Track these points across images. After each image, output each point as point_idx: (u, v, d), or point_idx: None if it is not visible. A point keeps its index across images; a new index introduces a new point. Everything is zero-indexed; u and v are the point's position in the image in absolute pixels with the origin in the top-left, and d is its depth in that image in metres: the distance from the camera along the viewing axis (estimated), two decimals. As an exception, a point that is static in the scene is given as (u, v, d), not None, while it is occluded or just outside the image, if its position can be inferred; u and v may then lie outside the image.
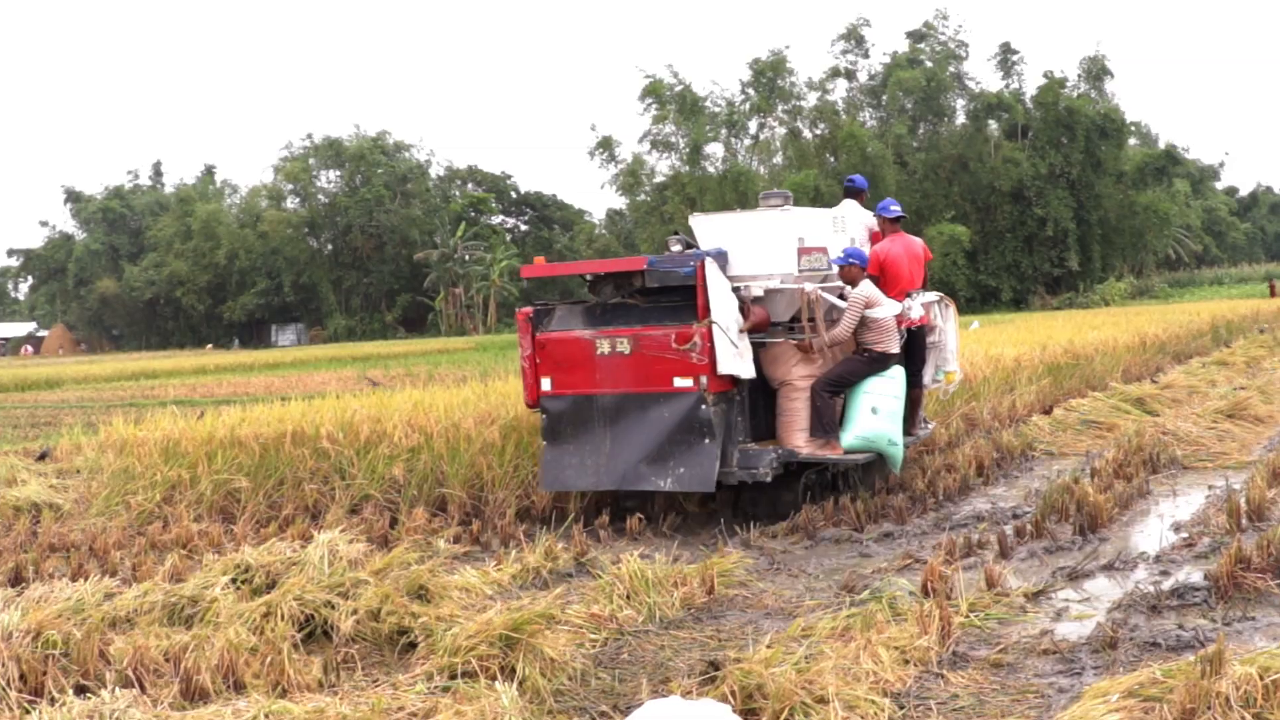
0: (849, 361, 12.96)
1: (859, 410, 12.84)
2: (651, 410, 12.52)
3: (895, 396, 13.03)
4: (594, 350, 12.68)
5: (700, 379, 12.21)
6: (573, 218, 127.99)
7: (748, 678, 6.15)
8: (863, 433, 12.77)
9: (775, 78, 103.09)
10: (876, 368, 12.88)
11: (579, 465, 12.75)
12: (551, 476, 12.86)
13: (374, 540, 11.48)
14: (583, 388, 12.76)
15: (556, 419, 12.89)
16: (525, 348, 13.18)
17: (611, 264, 14.26)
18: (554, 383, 12.89)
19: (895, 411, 13.02)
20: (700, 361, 12.19)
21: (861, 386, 12.88)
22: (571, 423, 12.82)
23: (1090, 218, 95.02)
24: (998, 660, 7.43)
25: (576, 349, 12.78)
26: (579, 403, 12.79)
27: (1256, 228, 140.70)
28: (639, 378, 12.54)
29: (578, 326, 13.10)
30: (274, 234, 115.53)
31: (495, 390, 16.42)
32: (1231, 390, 20.52)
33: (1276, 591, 8.57)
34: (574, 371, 12.79)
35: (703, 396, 12.23)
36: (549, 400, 12.93)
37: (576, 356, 12.77)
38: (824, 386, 12.77)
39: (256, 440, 13.65)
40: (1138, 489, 13.00)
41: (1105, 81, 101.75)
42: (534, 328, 13.20)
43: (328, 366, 47.21)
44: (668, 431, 12.42)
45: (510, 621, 7.31)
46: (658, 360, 12.41)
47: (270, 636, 7.58)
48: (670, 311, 12.75)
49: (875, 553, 10.90)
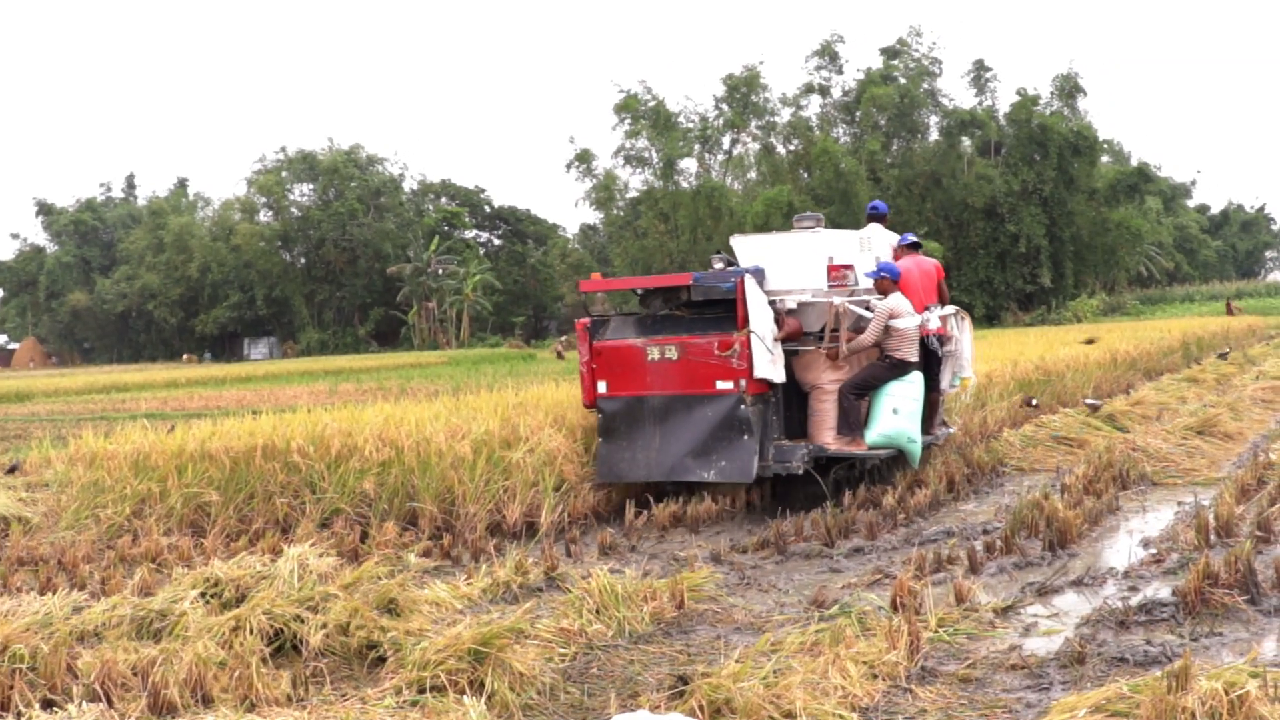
0: (873, 367, 14.44)
1: (881, 411, 14.31)
2: (696, 410, 14.10)
3: (914, 399, 14.46)
4: (645, 356, 14.36)
5: (740, 382, 13.79)
6: (546, 232, 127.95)
7: (716, 692, 6.15)
8: (885, 431, 14.24)
9: (749, 93, 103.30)
10: (897, 373, 14.37)
11: (631, 459, 14.31)
12: (606, 469, 14.44)
13: (344, 554, 11.45)
14: (635, 390, 14.42)
15: (611, 418, 14.50)
16: (584, 354, 14.83)
17: (662, 280, 15.45)
18: (609, 385, 14.55)
19: (914, 412, 14.45)
20: (740, 367, 13.77)
21: (884, 389, 14.38)
22: (625, 421, 14.43)
23: (1063, 234, 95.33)
24: (966, 675, 7.45)
25: (629, 355, 14.46)
26: (631, 403, 14.43)
27: (1228, 245, 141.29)
28: (685, 381, 14.16)
29: (630, 335, 14.75)
30: (247, 247, 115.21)
31: (466, 404, 16.40)
32: (1201, 407, 20.61)
33: (1244, 608, 8.60)
34: (627, 375, 14.46)
35: (742, 398, 13.81)
36: (605, 401, 14.57)
37: (629, 362, 14.45)
38: (850, 389, 14.32)
39: (227, 454, 13.61)
40: (1107, 505, 13.05)
41: (1078, 99, 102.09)
42: (591, 337, 14.82)
43: (300, 380, 47.12)
44: (711, 429, 13.97)
45: (479, 636, 7.30)
46: (702, 365, 14.03)
47: (239, 650, 7.56)
48: (713, 322, 14.41)
49: (845, 568, 10.91)
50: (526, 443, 13.77)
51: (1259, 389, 24.74)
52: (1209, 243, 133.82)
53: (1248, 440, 18.42)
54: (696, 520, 13.12)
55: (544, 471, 13.47)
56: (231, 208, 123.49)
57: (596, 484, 14.46)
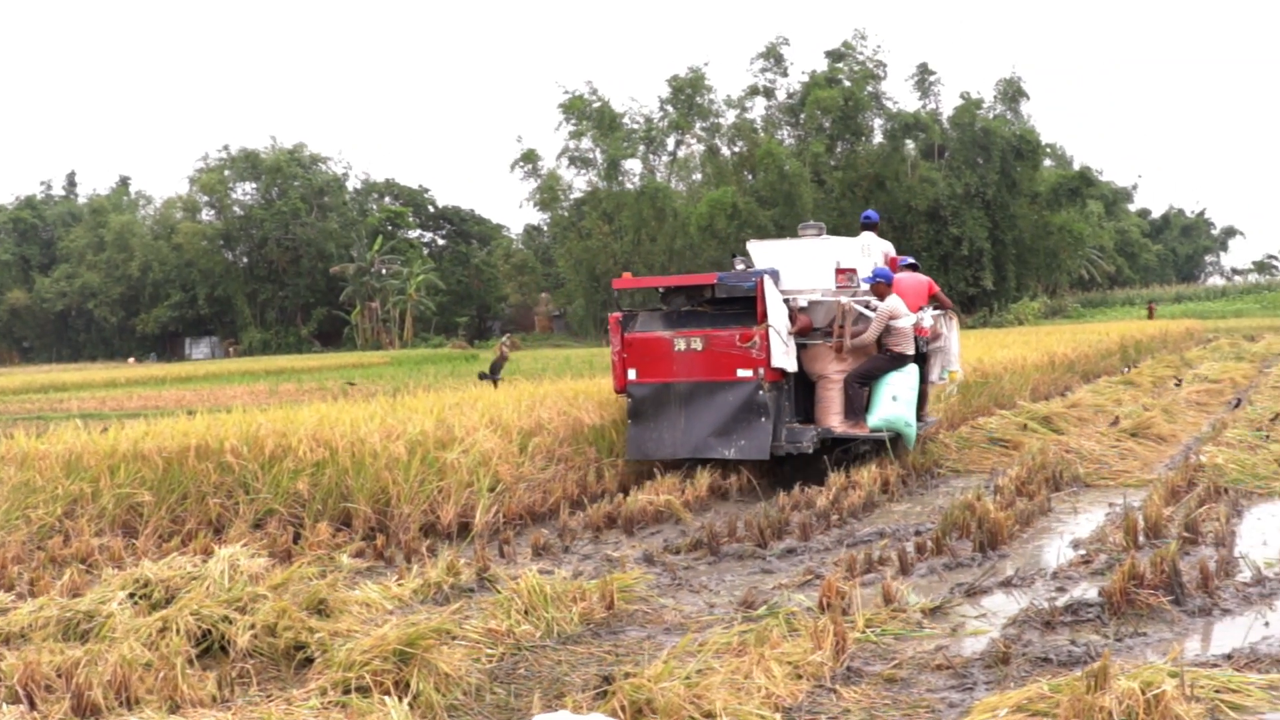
0: (874, 359, 16.16)
1: (882, 398, 16.08)
2: (718, 395, 15.80)
3: (911, 388, 16.25)
4: (672, 347, 16.03)
5: (758, 370, 15.56)
6: (490, 232, 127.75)
7: (637, 692, 6.16)
8: (885, 416, 16.00)
9: (694, 95, 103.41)
10: (896, 365, 16.14)
11: (658, 439, 15.99)
12: (635, 448, 16.12)
13: (277, 555, 11.41)
14: (662, 377, 16.06)
15: (640, 402, 16.14)
16: (615, 345, 16.46)
17: (687, 279, 17.24)
18: (639, 373, 16.18)
19: (911, 400, 16.22)
20: (759, 357, 15.55)
21: (884, 379, 16.13)
22: (653, 405, 16.07)
23: (1005, 238, 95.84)
24: (891, 675, 7.48)
25: (658, 346, 16.12)
26: (659, 389, 16.05)
27: (1168, 249, 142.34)
28: (709, 369, 15.85)
29: (658, 328, 16.38)
30: (189, 246, 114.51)
31: (404, 405, 16.35)
32: (1137, 409, 20.76)
33: (1168, 608, 8.68)
34: (655, 364, 16.11)
35: (760, 384, 15.56)
36: (635, 387, 16.19)
37: (657, 352, 16.11)
38: (854, 379, 16.11)
39: (160, 454, 13.50)
40: (1039, 506, 13.14)
41: (1021, 103, 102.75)
42: (623, 329, 16.44)
43: (240, 380, 46.86)
44: (732, 412, 15.69)
45: (405, 636, 7.29)
46: (724, 355, 15.76)
47: (165, 652, 7.53)
48: (734, 317, 16.06)
49: (778, 569, 10.94)
50: (461, 443, 13.75)
51: (1193, 392, 24.94)
52: (1150, 247, 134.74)
53: (1181, 443, 18.59)
54: (631, 521, 13.13)
55: (479, 472, 13.45)
56: (173, 206, 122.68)
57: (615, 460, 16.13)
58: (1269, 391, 24.58)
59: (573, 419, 15.84)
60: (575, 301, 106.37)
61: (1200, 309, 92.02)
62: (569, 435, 15.54)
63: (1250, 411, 19.90)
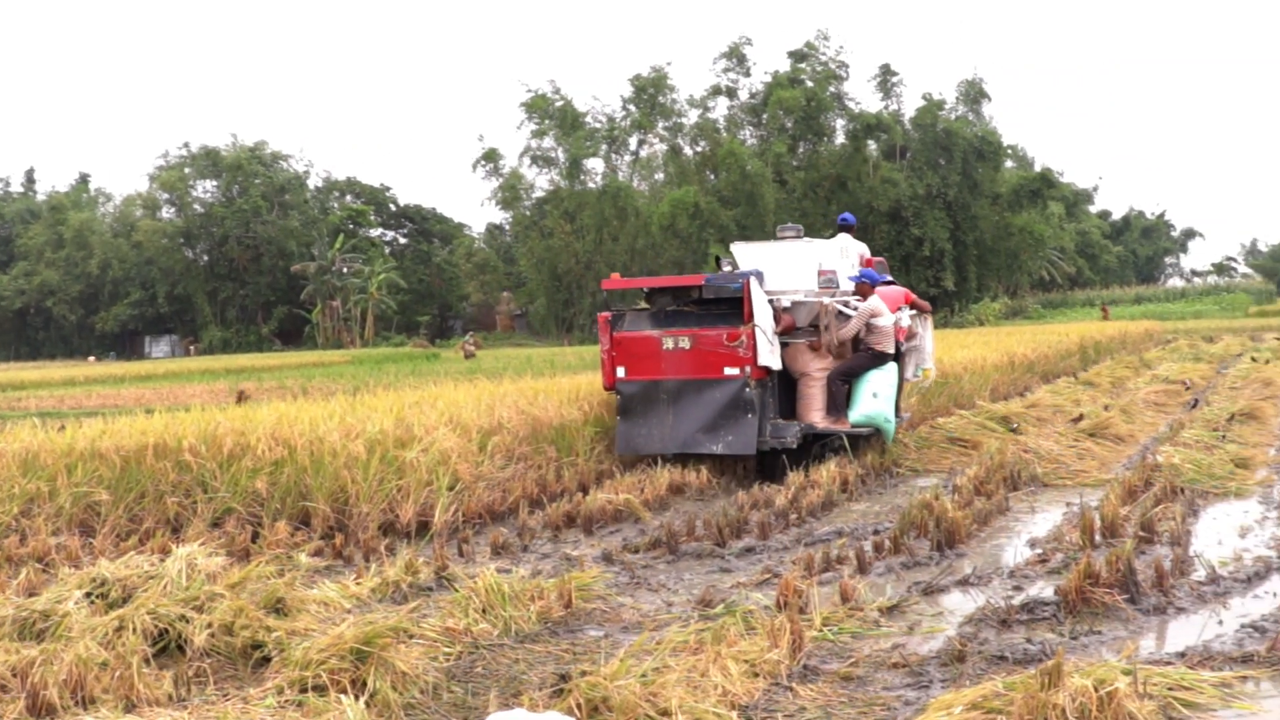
0: (856, 357, 16.74)
1: (862, 395, 16.61)
2: (706, 392, 16.23)
3: (890, 385, 16.86)
4: (660, 346, 16.46)
5: (745, 368, 16.00)
6: (452, 231, 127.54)
7: (593, 690, 6.17)
8: (865, 412, 16.51)
9: (656, 94, 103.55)
10: (876, 363, 16.69)
11: (647, 435, 16.47)
12: (625, 443, 16.63)
13: (235, 554, 11.37)
14: (651, 374, 16.51)
15: (629, 399, 16.60)
16: (605, 344, 16.88)
17: (675, 280, 17.71)
18: (627, 370, 16.63)
19: (890, 396, 16.83)
20: (746, 355, 15.98)
21: (864, 377, 16.66)
22: (641, 402, 16.52)
23: (966, 238, 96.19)
24: (848, 674, 7.51)
25: (646, 345, 16.53)
26: (647, 386, 16.51)
27: (1128, 251, 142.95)
28: (696, 367, 16.30)
29: (646, 327, 16.81)
30: (148, 244, 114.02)
31: (363, 404, 16.32)
32: (1096, 409, 20.85)
33: (1124, 606, 8.74)
34: (644, 362, 16.54)
35: (746, 381, 15.99)
36: (624, 384, 16.64)
37: (646, 350, 16.53)
38: (836, 376, 16.66)
39: (118, 453, 13.44)
40: (997, 506, 13.21)
41: (982, 104, 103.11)
42: (612, 328, 16.84)
43: (200, 379, 46.65)
44: (719, 408, 16.13)
45: (362, 635, 7.28)
46: (712, 354, 16.19)
47: (121, 651, 7.50)
48: (721, 317, 16.55)
49: (736, 567, 10.97)
50: (421, 442, 13.72)
51: (1152, 392, 25.06)
52: (1110, 248, 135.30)
53: (1138, 442, 18.68)
54: (590, 520, 13.14)
55: (438, 471, 13.43)
56: (133, 204, 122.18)
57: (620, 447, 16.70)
58: (1226, 392, 24.72)
59: (532, 418, 15.84)
60: (537, 301, 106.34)
61: (1160, 310, 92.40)
62: (529, 434, 15.54)
63: (1207, 412, 20.02)
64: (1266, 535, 11.52)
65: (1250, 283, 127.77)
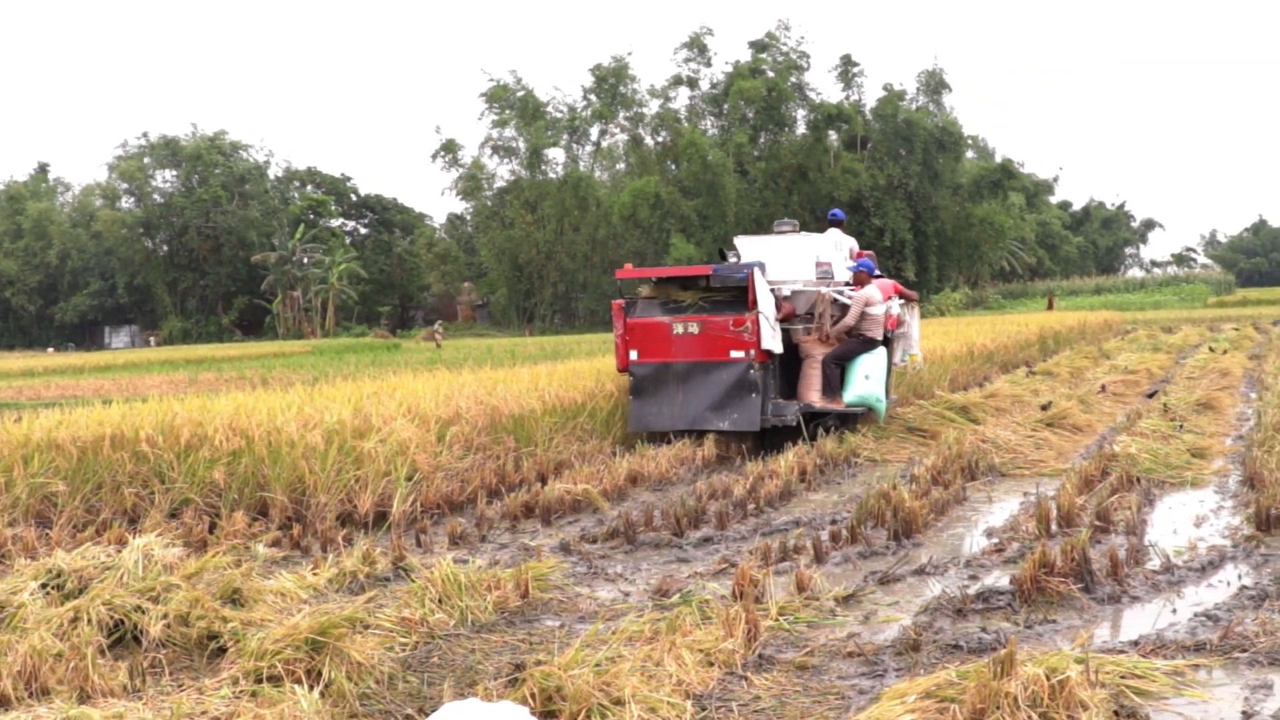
0: (849, 343, 18.17)
1: (856, 377, 18.10)
2: (713, 374, 17.58)
3: (881, 368, 18.37)
4: (671, 331, 17.88)
5: (750, 352, 17.37)
6: (413, 221, 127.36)
7: (548, 680, 6.18)
8: (859, 392, 18.05)
9: (617, 84, 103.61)
10: (868, 347, 18.22)
11: (658, 413, 17.82)
12: (637, 420, 17.98)
13: (192, 544, 11.34)
14: (662, 357, 17.90)
15: (641, 380, 18.00)
16: (619, 329, 18.26)
17: (684, 270, 19.69)
18: (640, 354, 18.02)
19: (881, 378, 18.33)
20: (750, 340, 17.35)
21: (858, 360, 18.16)
22: (653, 383, 17.91)
23: (927, 229, 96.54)
24: (803, 663, 7.52)
25: (657, 330, 17.97)
26: (659, 368, 17.89)
27: (1089, 241, 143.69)
28: (705, 350, 17.68)
29: (657, 314, 18.18)
30: (108, 234, 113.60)
31: (321, 394, 16.28)
32: (1055, 399, 20.94)
33: (1079, 595, 8.78)
34: (655, 346, 17.95)
35: (751, 364, 17.37)
36: (636, 366, 18.03)
37: (657, 335, 17.95)
38: (831, 360, 18.11)
39: (75, 443, 13.35)
40: (954, 496, 13.24)
41: (943, 95, 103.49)
42: (625, 315, 18.22)
43: (160, 369, 46.46)
44: (725, 389, 17.50)
45: (317, 625, 7.27)
46: (719, 338, 17.56)
47: (76, 642, 7.47)
48: (727, 304, 17.82)
49: (693, 557, 10.97)
50: (379, 432, 13.69)
51: (1110, 382, 25.15)
52: (1070, 239, 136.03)
53: (1096, 432, 18.75)
54: (548, 510, 13.13)
55: (396, 461, 13.40)
56: (92, 194, 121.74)
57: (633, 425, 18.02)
58: (1184, 383, 24.84)
59: (491, 408, 15.80)
60: (498, 291, 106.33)
61: (1119, 300, 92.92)
62: (487, 425, 15.51)
63: (1165, 402, 20.10)
64: (1221, 525, 11.58)
65: (1209, 273, 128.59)
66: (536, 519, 13.09)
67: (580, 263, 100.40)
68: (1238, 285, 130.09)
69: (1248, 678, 7.01)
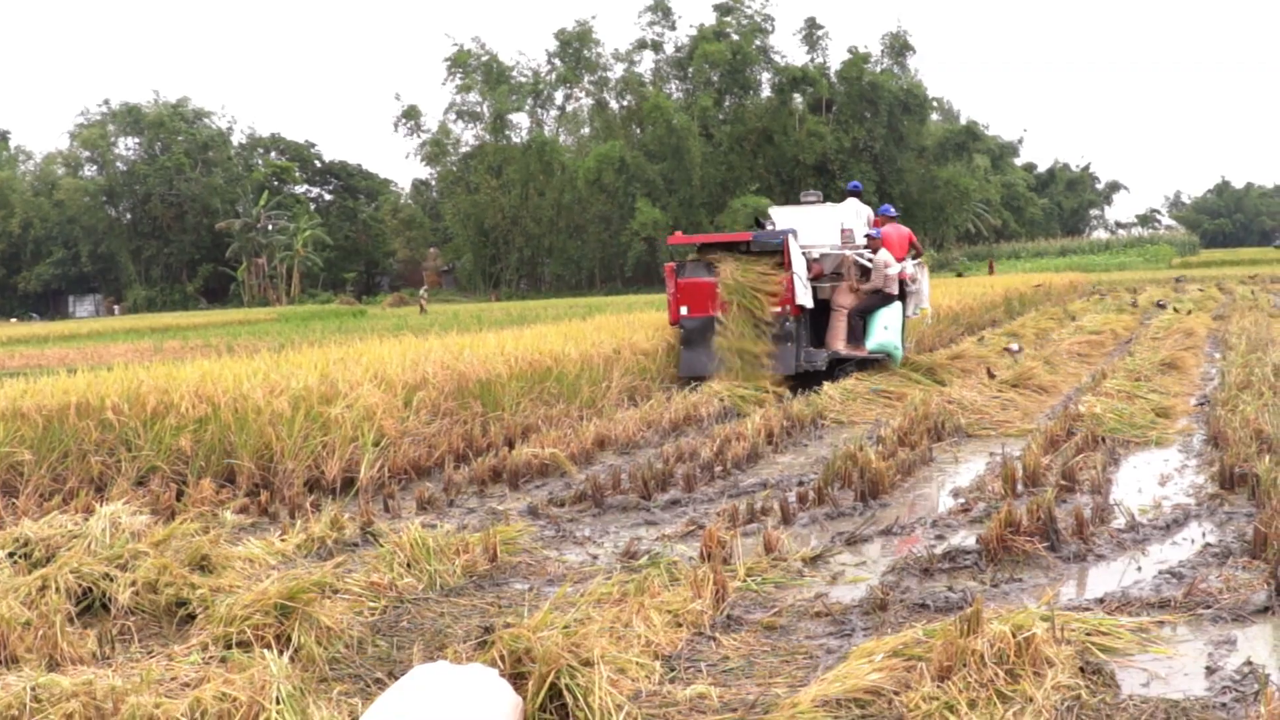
0: (870, 298, 20.92)
1: (876, 327, 20.83)
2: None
3: (898, 320, 21.05)
4: (716, 289, 20.34)
5: (785, 307, 20.06)
6: (378, 187, 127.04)
7: (517, 642, 6.19)
8: (878, 341, 20.77)
9: (581, 48, 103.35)
10: (885, 302, 20.92)
11: (705, 361, 20.22)
12: (687, 367, 20.54)
13: (160, 512, 11.29)
14: (708, 312, 20.45)
15: (690, 332, 20.69)
16: (671, 288, 21.03)
17: (728, 237, 22.64)
18: (689, 310, 20.69)
19: (897, 329, 21.00)
20: (786, 296, 20.03)
21: (878, 313, 20.88)
22: (700, 334, 20.50)
23: (892, 191, 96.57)
24: (771, 623, 7.55)
25: (705, 288, 20.55)
26: (705, 321, 20.46)
27: (1053, 203, 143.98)
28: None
29: (704, 275, 20.66)
30: (70, 202, 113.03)
31: (288, 360, 16.23)
32: (1018, 361, 21.09)
33: (1044, 554, 8.83)
34: (702, 302, 20.51)
35: (786, 317, 20.11)
36: (686, 320, 20.75)
37: (704, 293, 20.53)
38: (855, 313, 20.94)
39: (40, 412, 13.27)
40: (921, 456, 13.29)
41: (908, 57, 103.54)
42: (676, 275, 20.90)
43: (125, 338, 46.26)
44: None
45: (286, 590, 7.27)
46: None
47: (44, 610, 7.45)
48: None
49: (661, 520, 10.99)
50: (345, 398, 13.65)
51: (1075, 343, 25.27)
52: (1035, 200, 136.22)
53: (1061, 393, 18.84)
54: (516, 474, 13.13)
55: (363, 427, 13.38)
56: (54, 162, 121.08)
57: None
58: (1149, 343, 24.94)
59: (458, 374, 15.77)
60: (464, 256, 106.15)
61: (1084, 262, 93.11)
62: (454, 390, 15.48)
63: (1130, 362, 20.19)
64: (1186, 483, 11.65)
65: (1174, 234, 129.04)
66: (504, 483, 13.09)
67: (546, 227, 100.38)
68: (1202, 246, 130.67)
69: (1211, 634, 7.07)
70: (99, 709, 5.87)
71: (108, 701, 5.90)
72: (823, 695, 6.01)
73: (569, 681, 5.99)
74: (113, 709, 5.86)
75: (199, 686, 6.22)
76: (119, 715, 5.82)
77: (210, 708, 5.86)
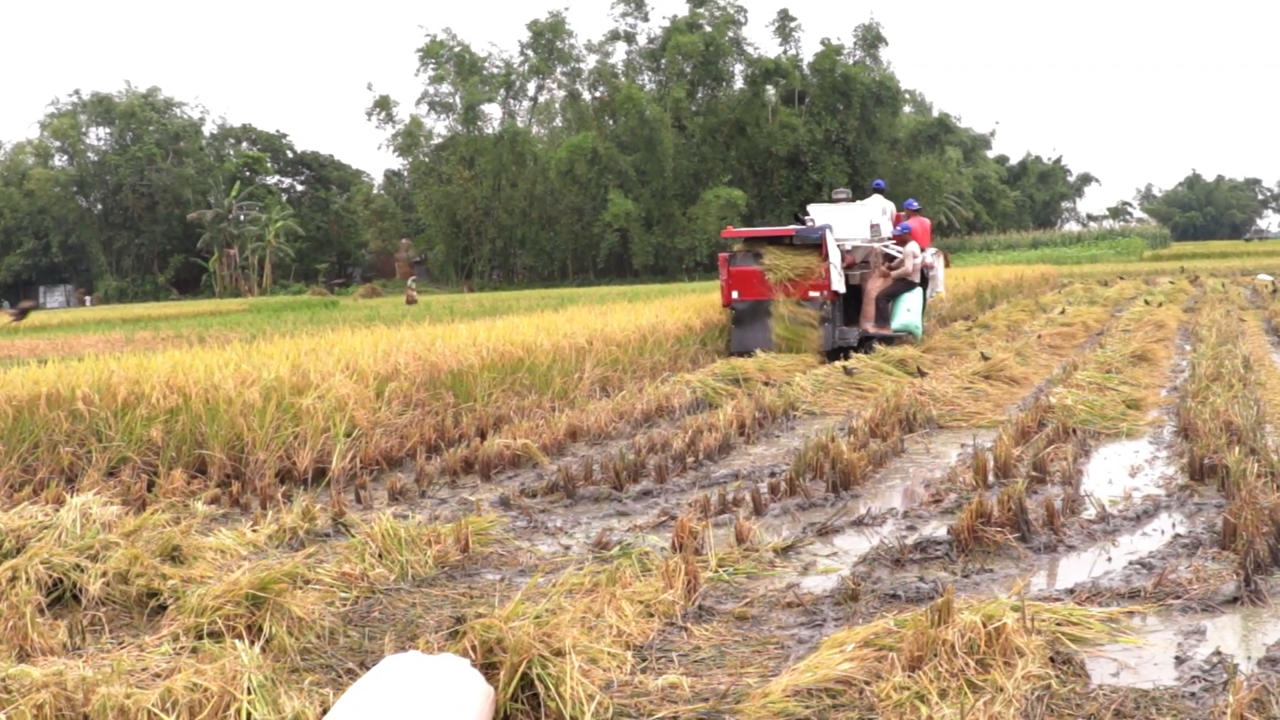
0: (896, 284, 24.02)
1: (900, 309, 23.91)
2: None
3: (919, 303, 24.16)
4: (763, 276, 23.30)
5: (823, 292, 23.13)
6: (350, 178, 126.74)
7: (488, 632, 6.18)
8: (902, 321, 23.82)
9: (554, 39, 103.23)
10: (909, 287, 24.06)
11: (754, 338, 23.01)
12: (738, 343, 23.32)
13: (130, 503, 11.25)
14: (756, 296, 23.40)
15: (741, 314, 23.67)
16: (724, 275, 23.79)
17: (774, 230, 24.93)
18: (740, 294, 23.58)
19: (919, 310, 24.14)
20: (824, 282, 23.10)
21: (902, 297, 23.96)
22: (749, 315, 23.51)
23: (865, 183, 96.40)
24: (743, 613, 7.56)
25: (753, 275, 23.46)
26: (754, 304, 23.43)
27: (1025, 196, 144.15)
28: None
29: (752, 263, 23.57)
30: (41, 193, 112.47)
31: (259, 351, 16.18)
32: (991, 352, 21.10)
33: (1015, 545, 8.85)
34: (751, 287, 23.43)
35: (824, 301, 23.18)
36: (737, 303, 23.66)
37: (753, 279, 23.44)
38: (881, 297, 24.01)
39: (9, 403, 13.21)
40: (892, 447, 13.30)
41: (880, 49, 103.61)
42: (729, 264, 23.69)
43: (96, 329, 46.02)
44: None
45: (257, 581, 7.26)
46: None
47: (14, 601, 7.42)
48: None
49: (633, 511, 10.99)
50: (317, 389, 13.63)
51: (1047, 334, 25.34)
52: (1008, 193, 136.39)
53: (1033, 385, 18.88)
54: (488, 465, 13.12)
55: (335, 417, 13.36)
56: (24, 151, 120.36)
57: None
58: (1120, 335, 25.03)
59: (430, 364, 15.75)
60: (436, 247, 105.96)
61: (1056, 255, 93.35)
62: (426, 380, 15.47)
63: (1101, 354, 20.25)
64: (1156, 474, 11.70)
65: (1145, 227, 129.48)
66: (476, 474, 13.07)
67: (518, 219, 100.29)
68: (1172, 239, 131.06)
69: (1181, 624, 7.09)
70: (69, 700, 5.85)
71: (78, 692, 5.88)
72: (794, 685, 6.02)
73: (541, 671, 5.99)
74: (83, 699, 5.84)
75: (170, 677, 6.19)
76: (89, 706, 5.80)
77: (181, 698, 5.84)
